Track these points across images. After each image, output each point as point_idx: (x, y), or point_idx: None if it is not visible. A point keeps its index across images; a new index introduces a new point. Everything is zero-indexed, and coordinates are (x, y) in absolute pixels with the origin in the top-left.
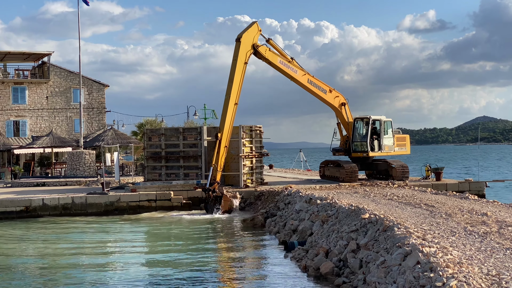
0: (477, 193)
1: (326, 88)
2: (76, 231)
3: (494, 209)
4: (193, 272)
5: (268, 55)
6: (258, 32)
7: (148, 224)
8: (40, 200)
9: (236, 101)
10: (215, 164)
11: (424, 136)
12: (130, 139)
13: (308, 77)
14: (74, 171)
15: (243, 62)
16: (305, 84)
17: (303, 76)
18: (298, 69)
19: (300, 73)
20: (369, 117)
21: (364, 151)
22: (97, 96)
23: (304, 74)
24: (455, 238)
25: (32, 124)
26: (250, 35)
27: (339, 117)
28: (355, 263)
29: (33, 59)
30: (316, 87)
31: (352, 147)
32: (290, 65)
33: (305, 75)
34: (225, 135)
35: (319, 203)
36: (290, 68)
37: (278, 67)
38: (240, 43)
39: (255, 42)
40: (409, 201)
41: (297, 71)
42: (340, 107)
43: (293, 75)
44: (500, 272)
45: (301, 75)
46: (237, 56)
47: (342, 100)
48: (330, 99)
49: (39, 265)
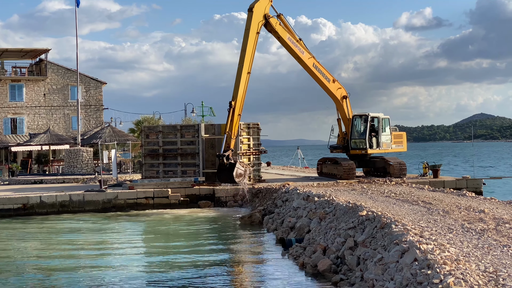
0: (474, 190)
1: (330, 77)
2: (74, 229)
3: (491, 206)
4: (190, 269)
5: (278, 28)
6: (269, 2)
7: (146, 222)
8: (38, 198)
9: (249, 70)
10: (229, 132)
11: (422, 133)
12: (128, 136)
13: (314, 61)
14: (72, 168)
15: (255, 32)
16: (311, 67)
17: (309, 59)
18: (305, 50)
19: (306, 55)
20: (367, 114)
21: (362, 148)
22: (95, 93)
23: (310, 57)
24: (452, 235)
25: (30, 122)
26: (262, 5)
27: (339, 111)
28: (352, 260)
29: (31, 56)
30: (320, 74)
31: (351, 144)
32: (298, 44)
33: (311, 58)
34: (239, 103)
35: (317, 200)
36: (298, 48)
37: (287, 43)
38: (252, 13)
39: (267, 13)
40: (407, 198)
41: (304, 52)
42: (342, 100)
43: (300, 55)
44: (497, 269)
45: (307, 57)
46: (249, 26)
47: (344, 93)
48: (333, 89)
49: (37, 263)
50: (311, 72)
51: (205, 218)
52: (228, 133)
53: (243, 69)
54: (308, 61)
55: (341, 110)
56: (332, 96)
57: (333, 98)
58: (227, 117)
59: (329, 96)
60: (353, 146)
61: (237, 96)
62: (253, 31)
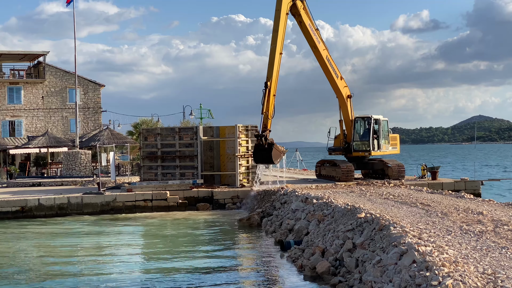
0: (473, 192)
1: (338, 73)
2: (72, 231)
3: (489, 208)
4: (188, 272)
5: (302, 12)
6: None
7: (144, 224)
8: (36, 200)
9: (280, 50)
10: (266, 112)
11: (420, 135)
12: (126, 139)
13: (327, 54)
14: (70, 171)
15: (285, 12)
16: (324, 59)
17: (324, 50)
18: (321, 41)
19: (322, 46)
20: (370, 117)
21: (366, 150)
22: (93, 96)
23: (325, 49)
24: (451, 237)
25: (28, 124)
26: None
27: (343, 111)
28: (351, 262)
29: (29, 59)
30: (331, 68)
31: (353, 146)
32: (316, 33)
33: (325, 50)
34: (274, 83)
35: (315, 203)
36: (315, 37)
37: (307, 29)
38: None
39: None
40: (405, 200)
41: (320, 42)
42: (347, 99)
43: (317, 44)
44: (495, 271)
45: (322, 48)
46: (279, 7)
47: (348, 92)
48: (340, 86)
49: (34, 266)
50: (324, 65)
51: (203, 221)
52: (265, 113)
53: (276, 50)
54: (323, 52)
55: (345, 110)
56: (338, 93)
57: (338, 95)
58: (262, 98)
59: (335, 93)
60: (355, 148)
61: (271, 76)
62: (283, 12)
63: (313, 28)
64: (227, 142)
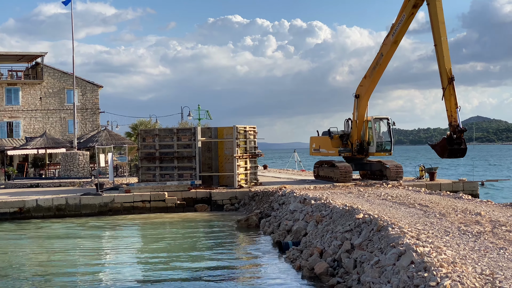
0: (470, 193)
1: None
2: (70, 233)
3: (487, 208)
4: (186, 273)
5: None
6: None
7: (142, 225)
8: (34, 201)
9: (435, 43)
10: (455, 104)
11: (418, 136)
12: (124, 140)
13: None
14: (68, 172)
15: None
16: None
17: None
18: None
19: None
20: (388, 117)
21: (387, 151)
22: (91, 97)
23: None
24: (449, 238)
25: (26, 125)
26: None
27: (361, 110)
28: (349, 263)
29: (27, 60)
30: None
31: (375, 147)
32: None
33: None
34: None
35: (313, 203)
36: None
37: (410, 19)
38: None
39: None
40: (403, 201)
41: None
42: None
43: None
44: (493, 271)
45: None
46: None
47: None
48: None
49: (32, 267)
50: (389, 58)
51: (201, 222)
52: (460, 106)
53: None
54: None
55: (363, 109)
56: (370, 90)
57: (368, 93)
58: (444, 92)
59: (371, 89)
60: (377, 149)
61: (450, 66)
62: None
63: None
64: (225, 143)
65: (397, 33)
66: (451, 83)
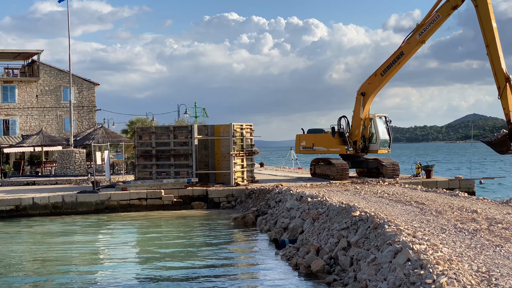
0: (467, 191)
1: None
2: (66, 230)
3: (484, 206)
4: (183, 271)
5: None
6: None
7: (139, 223)
8: (30, 199)
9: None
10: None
11: (415, 133)
12: (121, 137)
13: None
14: (65, 170)
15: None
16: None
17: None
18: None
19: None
20: (386, 116)
21: (387, 148)
22: (87, 94)
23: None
24: (445, 235)
25: (22, 123)
26: None
27: (366, 108)
28: (345, 260)
29: (23, 57)
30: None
31: (379, 144)
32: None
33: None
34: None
35: (310, 201)
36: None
37: (445, 19)
38: None
39: None
40: (400, 199)
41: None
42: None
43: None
44: (490, 269)
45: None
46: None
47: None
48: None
49: (28, 265)
50: (412, 55)
51: (198, 219)
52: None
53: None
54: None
55: (368, 107)
56: (378, 89)
57: (379, 90)
58: (502, 91)
59: (381, 87)
60: (381, 146)
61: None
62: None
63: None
64: (222, 141)
65: (426, 32)
66: (509, 82)
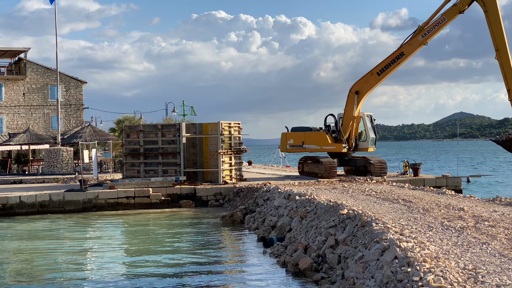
0: (454, 188)
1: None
2: (53, 229)
3: (470, 204)
4: (171, 269)
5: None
6: None
7: (126, 221)
8: (17, 198)
9: (496, 47)
10: None
11: (402, 132)
12: (108, 136)
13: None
14: (52, 168)
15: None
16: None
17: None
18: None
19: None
20: (371, 115)
21: (374, 145)
22: (75, 92)
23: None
24: (432, 233)
25: (9, 121)
26: None
27: (358, 104)
28: (333, 258)
29: (10, 55)
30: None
31: (369, 142)
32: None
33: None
34: None
35: (298, 199)
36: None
37: (450, 22)
38: None
39: None
40: (387, 197)
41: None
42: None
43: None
44: (476, 266)
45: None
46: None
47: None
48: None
49: (16, 264)
50: (412, 56)
51: (186, 218)
52: None
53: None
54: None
55: (360, 105)
56: (378, 85)
57: (374, 88)
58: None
59: (376, 85)
60: (371, 144)
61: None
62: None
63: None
64: (210, 139)
65: (430, 34)
66: None
